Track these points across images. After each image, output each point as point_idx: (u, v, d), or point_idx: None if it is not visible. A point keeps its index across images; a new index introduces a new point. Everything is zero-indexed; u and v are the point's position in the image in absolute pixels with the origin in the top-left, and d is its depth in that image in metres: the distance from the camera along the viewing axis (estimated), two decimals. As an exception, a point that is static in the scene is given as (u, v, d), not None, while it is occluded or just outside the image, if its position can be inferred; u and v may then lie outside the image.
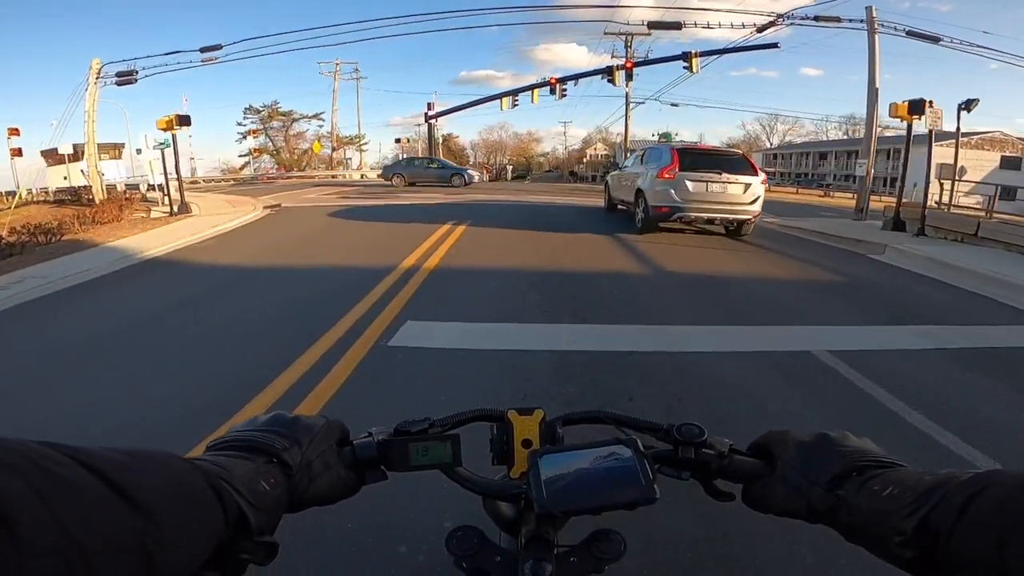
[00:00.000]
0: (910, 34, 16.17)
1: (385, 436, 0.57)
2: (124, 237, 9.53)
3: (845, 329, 4.50)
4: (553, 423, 0.64)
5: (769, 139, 64.39)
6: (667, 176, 8.38)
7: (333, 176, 34.80)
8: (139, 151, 18.70)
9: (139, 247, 8.20)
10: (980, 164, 30.52)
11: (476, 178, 25.58)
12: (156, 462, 0.36)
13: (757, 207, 8.60)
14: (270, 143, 48.70)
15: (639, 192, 9.24)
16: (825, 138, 60.04)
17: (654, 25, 15.70)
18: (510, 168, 66.35)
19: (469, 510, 0.65)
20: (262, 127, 47.94)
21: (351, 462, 0.55)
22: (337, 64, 42.25)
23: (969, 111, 12.63)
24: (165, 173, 13.42)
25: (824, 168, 49.29)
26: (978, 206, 20.56)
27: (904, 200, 11.19)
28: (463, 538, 0.56)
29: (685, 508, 1.86)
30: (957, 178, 14.90)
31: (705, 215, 8.57)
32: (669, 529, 1.86)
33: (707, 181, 8.34)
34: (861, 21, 15.50)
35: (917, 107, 11.16)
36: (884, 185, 35.49)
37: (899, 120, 11.76)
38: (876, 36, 15.11)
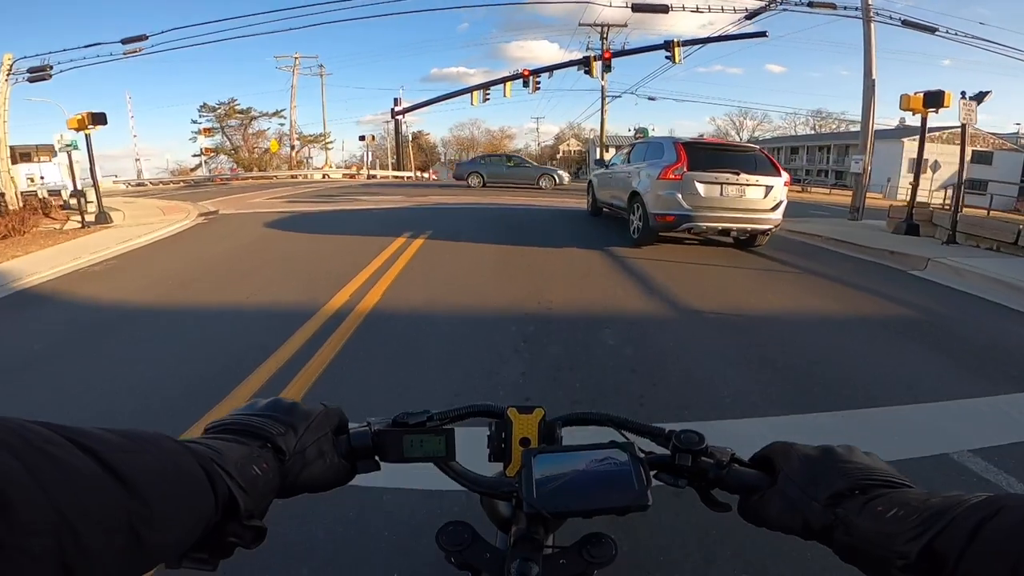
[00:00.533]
0: (905, 23, 15.21)
1: (382, 426, 0.57)
2: (16, 256, 7.85)
3: (968, 405, 3.09)
4: (553, 423, 0.64)
5: (739, 134, 64.02)
6: (672, 177, 6.76)
7: (293, 176, 32.61)
8: (56, 154, 16.66)
9: (21, 271, 6.58)
10: (951, 159, 30.20)
11: (567, 179, 21.76)
12: (148, 443, 0.35)
13: (779, 215, 7.06)
14: (227, 142, 45.85)
15: (635, 196, 7.63)
16: (794, 133, 60.05)
17: (638, 8, 14.34)
18: (482, 166, 64.73)
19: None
20: (218, 126, 45.05)
21: (346, 450, 0.55)
22: (296, 58, 39.95)
23: (979, 104, 11.64)
24: (73, 177, 11.71)
25: (796, 163, 49.07)
26: (951, 201, 20.19)
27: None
28: (454, 533, 0.56)
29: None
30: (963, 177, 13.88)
31: (719, 225, 6.96)
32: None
33: (721, 183, 6.75)
34: (856, 9, 14.43)
35: (934, 99, 9.98)
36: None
37: (911, 113, 10.65)
38: (872, 25, 14.09)
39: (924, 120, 10.53)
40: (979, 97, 11.45)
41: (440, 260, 6.49)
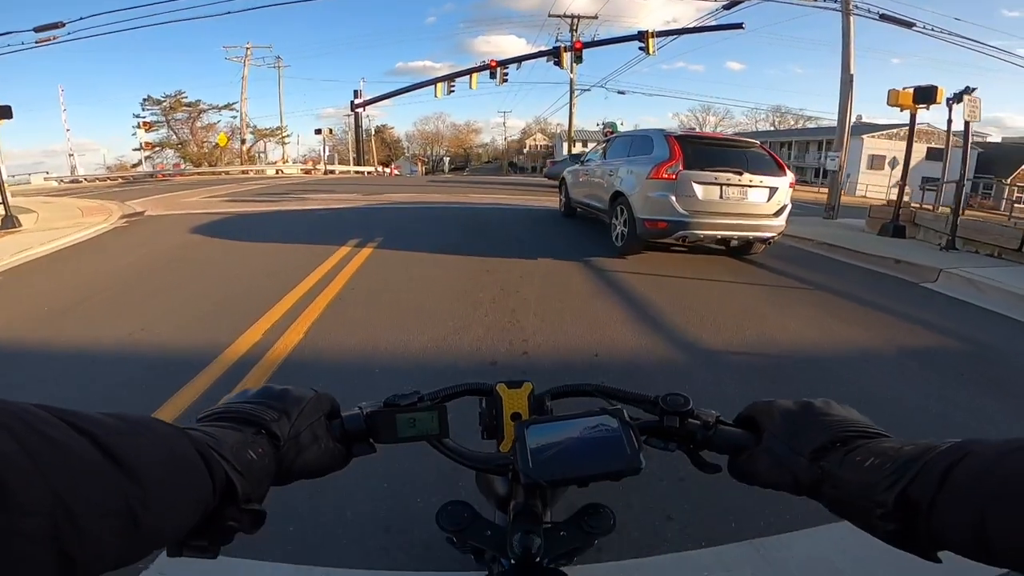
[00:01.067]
0: (883, 18, 14.84)
1: (374, 409, 0.56)
2: None
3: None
4: (542, 396, 0.63)
5: (701, 130, 64.28)
6: (666, 176, 5.79)
7: (245, 172, 30.68)
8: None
9: None
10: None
11: None
12: (146, 427, 0.35)
13: (782, 221, 6.19)
14: (174, 136, 43.10)
15: (618, 197, 6.67)
16: (755, 129, 60.80)
17: (613, -7, 13.48)
18: (447, 160, 63.33)
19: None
20: (164, 119, 42.27)
21: (340, 435, 0.54)
22: (248, 48, 37.71)
23: (958, 101, 11.22)
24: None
25: (759, 161, 49.41)
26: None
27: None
28: (453, 512, 0.56)
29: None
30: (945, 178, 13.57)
31: (718, 233, 6.02)
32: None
33: (721, 184, 5.81)
34: (835, 1, 13.95)
35: (926, 95, 9.42)
36: (816, 176, 35.78)
37: (899, 109, 10.11)
38: (851, 18, 13.64)
39: (913, 117, 10.04)
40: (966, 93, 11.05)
41: (388, 279, 5.38)
